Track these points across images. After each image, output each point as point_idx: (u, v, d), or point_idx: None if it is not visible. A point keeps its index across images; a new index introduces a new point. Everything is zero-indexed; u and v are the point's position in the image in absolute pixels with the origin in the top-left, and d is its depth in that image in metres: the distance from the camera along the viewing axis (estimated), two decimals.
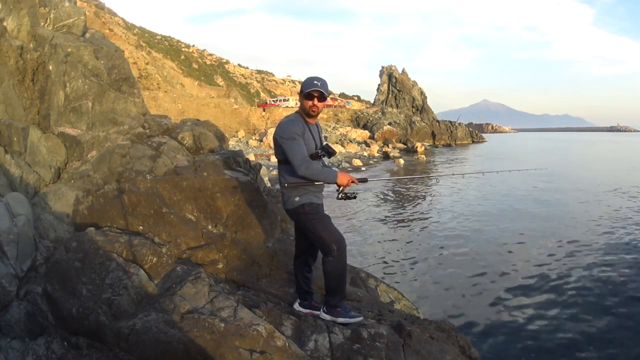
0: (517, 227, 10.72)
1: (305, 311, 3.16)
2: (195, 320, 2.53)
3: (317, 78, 2.91)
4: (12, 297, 2.89)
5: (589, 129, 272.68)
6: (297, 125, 2.88)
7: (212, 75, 73.05)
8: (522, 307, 6.09)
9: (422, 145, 41.84)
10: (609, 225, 10.78)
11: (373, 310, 3.50)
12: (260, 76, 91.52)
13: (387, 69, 65.80)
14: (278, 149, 2.95)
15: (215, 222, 3.88)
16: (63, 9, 4.94)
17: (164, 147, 4.41)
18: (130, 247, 3.20)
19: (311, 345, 2.63)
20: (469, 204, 13.77)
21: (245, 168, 4.52)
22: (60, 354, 2.58)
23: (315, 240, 2.98)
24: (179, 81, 58.50)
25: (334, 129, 48.42)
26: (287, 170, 2.91)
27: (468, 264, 7.84)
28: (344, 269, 3.01)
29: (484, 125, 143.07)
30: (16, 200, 3.30)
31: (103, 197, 3.82)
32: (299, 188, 2.91)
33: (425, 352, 2.83)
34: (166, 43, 74.49)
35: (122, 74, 4.95)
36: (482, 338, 5.19)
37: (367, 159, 31.17)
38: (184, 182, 3.94)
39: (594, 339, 5.19)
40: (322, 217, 2.95)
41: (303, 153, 2.81)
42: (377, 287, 4.52)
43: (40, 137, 4.00)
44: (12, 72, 4.06)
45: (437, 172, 22.88)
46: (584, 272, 7.42)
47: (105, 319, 2.78)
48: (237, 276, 3.60)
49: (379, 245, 9.18)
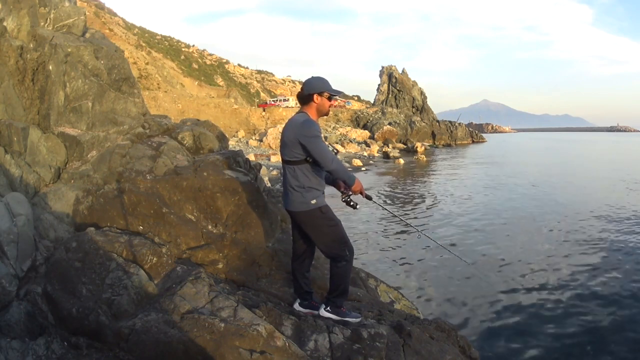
0: (518, 228, 10.73)
1: (305, 311, 3.17)
2: (195, 320, 2.53)
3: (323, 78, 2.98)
4: (12, 297, 2.89)
5: (589, 129, 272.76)
6: (317, 124, 2.88)
7: (212, 75, 73.04)
8: (522, 307, 6.09)
9: (422, 145, 41.84)
10: (612, 225, 10.76)
11: (373, 310, 3.50)
12: (260, 76, 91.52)
13: (387, 69, 65.81)
14: (293, 149, 2.83)
15: (215, 222, 3.88)
16: (63, 9, 4.94)
17: (164, 147, 4.41)
18: (130, 247, 3.19)
19: (311, 345, 2.63)
20: (469, 205, 13.77)
21: (245, 168, 4.52)
22: (60, 354, 2.58)
23: (327, 244, 2.95)
24: (179, 81, 58.50)
25: (334, 129, 48.44)
26: (305, 170, 2.86)
27: (468, 264, 7.83)
28: (351, 271, 3.12)
29: (484, 125, 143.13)
30: (16, 200, 3.30)
31: (103, 197, 3.82)
32: (313, 190, 2.87)
33: (425, 352, 2.83)
34: (166, 43, 74.50)
35: (122, 74, 4.95)
36: (482, 338, 5.20)
37: (367, 159, 31.18)
38: (184, 182, 3.94)
39: (594, 339, 5.19)
40: (338, 222, 2.96)
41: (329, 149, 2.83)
42: (377, 287, 4.52)
43: (40, 137, 4.00)
44: (12, 72, 4.06)
45: (435, 177, 22.84)
46: (585, 272, 7.41)
47: (105, 319, 2.78)
48: (237, 276, 3.60)
49: (378, 245, 9.18)
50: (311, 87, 2.91)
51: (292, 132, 2.84)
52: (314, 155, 2.76)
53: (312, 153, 2.76)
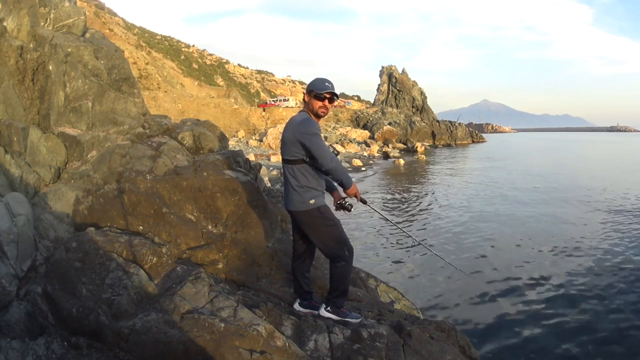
0: (518, 228, 10.72)
1: (305, 311, 3.17)
2: (195, 320, 2.53)
3: (327, 80, 2.92)
4: (12, 297, 2.89)
5: (589, 129, 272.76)
6: (316, 123, 2.88)
7: (212, 75, 73.07)
8: (522, 307, 6.09)
9: (422, 145, 41.85)
10: (614, 226, 10.76)
11: (373, 310, 3.50)
12: (260, 76, 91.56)
13: (387, 69, 65.82)
14: (293, 148, 2.83)
15: (215, 222, 3.88)
16: (63, 9, 4.94)
17: (164, 147, 4.41)
18: (130, 247, 3.19)
19: (311, 345, 2.63)
20: (469, 205, 13.77)
21: (245, 168, 4.52)
22: (60, 354, 2.58)
23: (325, 244, 2.95)
24: (179, 81, 58.51)
25: (334, 129, 48.44)
26: (304, 170, 2.86)
27: (468, 264, 7.83)
28: (351, 271, 3.10)
29: (484, 125, 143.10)
30: (16, 200, 3.30)
31: (103, 197, 3.82)
32: (312, 190, 2.87)
33: (425, 352, 2.83)
34: (166, 43, 74.53)
35: (122, 74, 4.95)
36: (482, 338, 5.19)
37: (367, 159, 31.18)
38: (184, 182, 3.94)
39: (594, 339, 5.19)
40: (337, 222, 2.95)
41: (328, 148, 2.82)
42: (377, 287, 4.52)
43: (40, 137, 4.00)
44: (12, 72, 4.06)
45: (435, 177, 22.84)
46: (586, 273, 7.42)
47: (105, 319, 2.78)
48: (237, 276, 3.60)
49: (378, 245, 9.18)
50: (307, 87, 2.95)
51: (291, 131, 2.85)
52: (313, 153, 2.76)
53: (311, 151, 2.76)
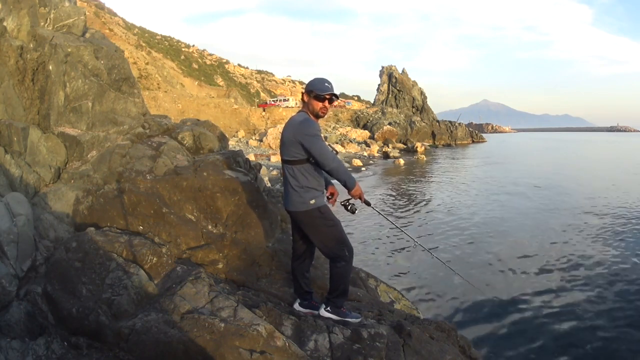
0: (518, 229, 10.72)
1: (305, 311, 3.17)
2: (195, 320, 2.53)
3: (327, 80, 2.90)
4: (12, 297, 2.89)
5: (589, 129, 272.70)
6: (316, 123, 2.86)
7: (212, 75, 73.06)
8: (522, 307, 6.08)
9: (422, 145, 41.85)
10: (615, 226, 10.75)
11: (373, 310, 3.50)
12: (260, 76, 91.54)
13: (387, 69, 65.81)
14: (292, 148, 2.82)
15: (215, 222, 3.89)
16: (63, 9, 4.94)
17: (164, 147, 4.41)
18: (130, 247, 3.19)
19: (311, 345, 2.63)
20: (469, 205, 13.76)
21: (245, 168, 4.52)
22: (60, 354, 2.58)
23: (325, 244, 2.95)
24: (179, 81, 58.50)
25: (334, 129, 48.43)
26: (304, 170, 2.84)
27: (468, 264, 7.83)
28: (351, 271, 3.11)
29: (484, 125, 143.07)
30: (16, 200, 3.30)
31: (103, 197, 3.82)
32: (312, 190, 2.87)
33: (425, 352, 2.83)
34: (166, 43, 74.51)
35: (122, 74, 4.96)
36: (482, 338, 5.19)
37: (367, 159, 31.18)
38: (184, 182, 3.94)
39: (594, 339, 5.19)
40: (337, 223, 2.94)
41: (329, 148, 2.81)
42: (377, 287, 4.52)
43: (40, 137, 4.00)
44: (12, 72, 4.06)
45: (435, 177, 22.83)
46: (586, 273, 7.41)
47: (105, 319, 2.78)
48: (237, 276, 3.60)
49: (378, 245, 9.17)
50: (306, 87, 2.94)
51: (291, 132, 2.83)
52: (314, 154, 2.74)
53: (311, 152, 2.74)
